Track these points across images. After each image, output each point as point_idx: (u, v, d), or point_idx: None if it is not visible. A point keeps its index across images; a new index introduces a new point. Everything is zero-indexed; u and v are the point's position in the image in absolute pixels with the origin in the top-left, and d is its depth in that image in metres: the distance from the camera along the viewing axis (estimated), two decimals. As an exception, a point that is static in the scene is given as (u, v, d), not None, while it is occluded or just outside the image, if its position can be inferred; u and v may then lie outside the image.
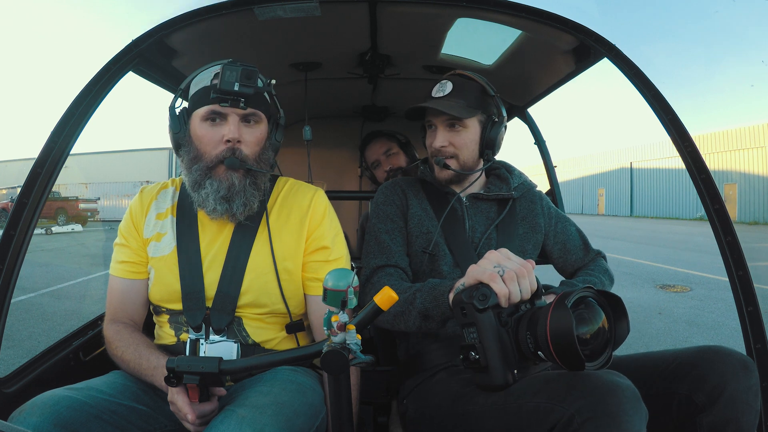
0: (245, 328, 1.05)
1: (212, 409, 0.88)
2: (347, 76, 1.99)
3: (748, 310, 1.04)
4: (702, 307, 5.03)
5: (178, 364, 0.77)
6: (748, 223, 19.02)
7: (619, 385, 0.73)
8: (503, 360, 0.81)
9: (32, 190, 1.09)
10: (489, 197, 1.27)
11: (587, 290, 0.78)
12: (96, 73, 1.18)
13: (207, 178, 1.02)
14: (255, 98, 1.01)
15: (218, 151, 1.01)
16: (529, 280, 0.84)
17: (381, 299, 0.69)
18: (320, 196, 1.15)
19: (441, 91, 1.20)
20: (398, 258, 1.19)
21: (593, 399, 0.73)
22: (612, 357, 0.77)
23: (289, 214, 1.11)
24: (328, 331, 0.70)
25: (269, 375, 1.00)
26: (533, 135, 2.27)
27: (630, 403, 0.72)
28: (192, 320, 1.03)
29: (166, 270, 1.06)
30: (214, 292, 1.03)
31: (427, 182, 1.31)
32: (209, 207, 1.02)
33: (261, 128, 1.06)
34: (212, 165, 1.02)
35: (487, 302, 0.80)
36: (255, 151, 1.04)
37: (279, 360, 0.80)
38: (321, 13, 1.31)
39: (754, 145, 20.10)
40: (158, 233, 1.10)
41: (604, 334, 0.78)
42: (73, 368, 1.27)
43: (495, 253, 0.87)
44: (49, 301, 5.35)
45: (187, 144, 1.05)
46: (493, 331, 0.81)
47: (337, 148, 2.88)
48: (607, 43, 1.23)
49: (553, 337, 0.75)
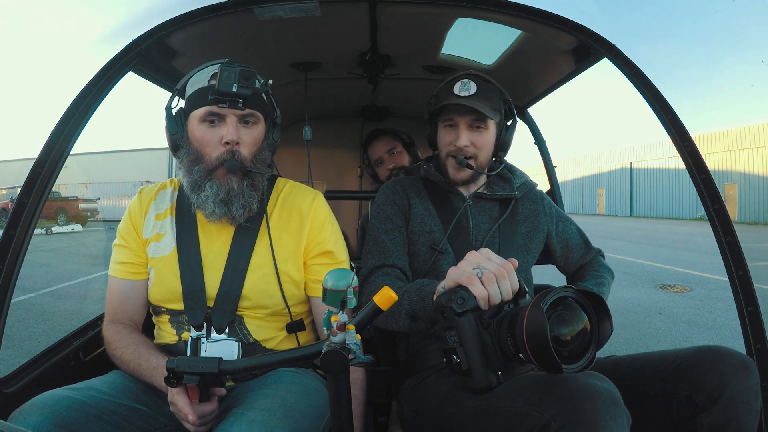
0: (246, 327, 1.05)
1: (212, 409, 0.88)
2: (347, 76, 1.99)
3: (748, 310, 1.04)
4: (702, 307, 5.03)
5: (177, 364, 0.77)
6: (748, 223, 19.01)
7: (596, 389, 0.72)
8: (485, 363, 0.80)
9: (32, 190, 1.09)
10: (492, 197, 1.27)
11: (567, 290, 0.75)
12: (96, 73, 1.18)
13: (207, 180, 1.01)
14: (253, 99, 1.01)
15: (218, 153, 1.01)
16: (510, 281, 0.81)
17: (380, 299, 0.69)
18: (320, 200, 1.15)
19: (465, 90, 1.19)
20: (396, 258, 1.19)
21: (570, 404, 0.72)
22: (595, 359, 0.75)
23: (290, 216, 1.11)
24: (328, 331, 0.70)
25: (273, 377, 1.00)
26: (533, 135, 2.27)
27: (607, 408, 0.71)
28: (193, 319, 1.03)
29: (166, 270, 1.06)
30: (215, 292, 1.04)
31: (429, 181, 1.31)
32: (208, 209, 1.02)
33: (259, 129, 1.06)
34: (213, 167, 1.01)
35: (465, 306, 0.79)
36: (253, 151, 1.04)
37: (279, 360, 0.80)
38: (321, 13, 1.31)
39: (754, 145, 20.10)
40: (158, 233, 1.10)
41: (585, 335, 0.76)
42: (73, 368, 1.27)
43: (475, 254, 0.85)
44: (49, 301, 5.35)
45: (185, 145, 1.04)
46: (473, 334, 0.79)
47: (337, 148, 2.88)
48: (607, 43, 1.23)
49: (529, 338, 0.73)
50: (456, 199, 1.27)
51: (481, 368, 0.79)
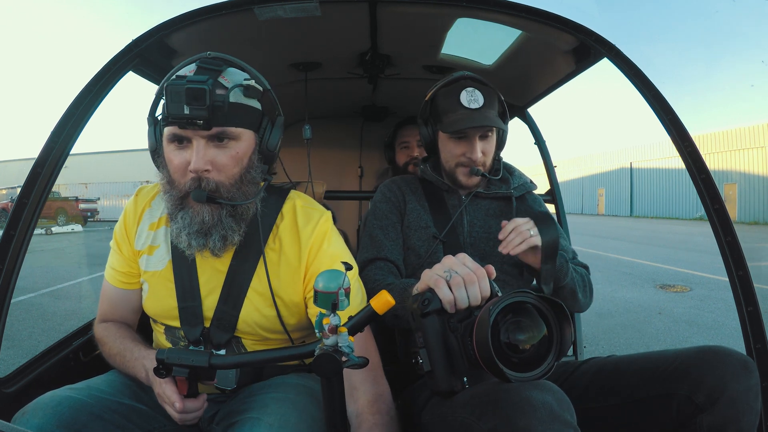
0: (244, 347, 1.00)
1: (199, 406, 0.87)
2: (347, 76, 1.99)
3: (748, 310, 1.04)
4: (702, 307, 5.03)
5: (168, 355, 0.77)
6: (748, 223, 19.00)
7: (532, 403, 0.69)
8: (448, 366, 0.78)
9: (32, 190, 1.09)
10: (489, 195, 1.29)
11: (523, 295, 0.73)
12: (96, 73, 1.18)
13: (179, 209, 0.90)
14: (223, 113, 0.86)
15: (185, 179, 0.88)
16: (480, 287, 0.79)
17: (377, 303, 0.68)
18: (323, 227, 1.00)
19: (475, 102, 1.18)
20: (389, 251, 1.21)
21: (505, 419, 0.70)
22: (554, 367, 0.71)
23: (292, 240, 0.99)
24: (320, 333, 0.68)
25: (278, 379, 0.98)
26: (533, 135, 2.27)
27: (543, 424, 0.67)
28: (190, 335, 0.98)
29: (160, 286, 1.00)
30: (212, 314, 0.98)
31: (426, 181, 1.33)
32: (183, 243, 0.90)
33: (239, 146, 0.90)
34: (182, 195, 0.89)
35: (428, 307, 0.78)
36: (233, 174, 0.90)
37: (270, 357, 0.79)
38: (321, 13, 1.31)
39: (754, 145, 20.10)
40: (150, 246, 1.02)
41: (545, 342, 0.72)
42: (73, 368, 1.27)
43: (450, 258, 0.83)
44: (49, 301, 5.35)
45: (162, 166, 0.93)
46: (435, 336, 0.78)
47: (337, 148, 2.88)
48: (607, 43, 1.23)
49: (477, 344, 0.72)
50: (452, 198, 1.29)
51: (443, 371, 0.78)
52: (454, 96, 1.20)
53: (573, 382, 1.04)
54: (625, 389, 0.95)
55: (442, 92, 1.24)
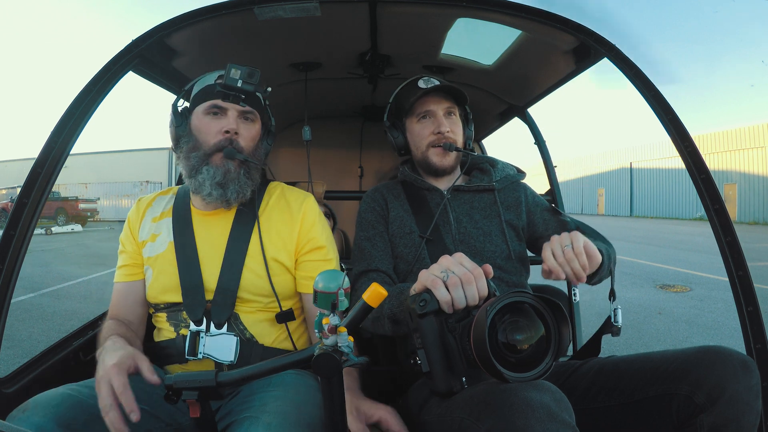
0: (242, 322, 1.07)
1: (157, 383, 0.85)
2: (347, 76, 1.99)
3: (748, 310, 1.04)
4: (702, 307, 5.03)
5: (175, 380, 0.75)
6: (748, 223, 19.01)
7: (530, 404, 0.69)
8: (446, 366, 0.78)
9: (32, 190, 1.09)
10: (470, 188, 1.28)
11: (522, 295, 0.72)
12: (96, 73, 1.18)
13: (204, 165, 1.06)
14: (253, 98, 1.09)
15: (217, 140, 1.07)
16: (478, 287, 0.79)
17: (370, 296, 0.68)
18: (311, 200, 1.20)
19: (431, 83, 1.24)
20: (379, 262, 1.21)
21: (503, 419, 0.69)
22: (552, 367, 0.71)
23: (281, 213, 1.15)
24: (320, 333, 0.69)
25: (277, 378, 1.00)
26: (533, 135, 2.27)
27: (541, 425, 0.67)
28: (192, 314, 1.05)
29: (164, 265, 1.09)
30: (213, 286, 1.06)
31: (407, 183, 1.33)
32: (205, 191, 1.06)
33: (256, 127, 1.13)
34: (210, 152, 1.07)
35: (426, 308, 0.78)
36: (250, 145, 1.11)
37: (274, 367, 0.79)
38: (321, 13, 1.31)
39: (754, 145, 20.10)
40: (153, 234, 1.14)
41: (543, 342, 0.72)
42: (73, 368, 1.27)
43: (447, 258, 0.83)
44: (49, 301, 5.35)
45: (186, 136, 1.10)
46: (433, 336, 0.78)
47: (337, 148, 2.88)
48: (607, 43, 1.23)
49: (475, 344, 0.72)
50: (434, 196, 1.28)
51: (441, 371, 0.78)
52: (412, 85, 1.27)
53: (573, 383, 1.04)
54: (625, 389, 0.95)
55: (401, 90, 1.31)
